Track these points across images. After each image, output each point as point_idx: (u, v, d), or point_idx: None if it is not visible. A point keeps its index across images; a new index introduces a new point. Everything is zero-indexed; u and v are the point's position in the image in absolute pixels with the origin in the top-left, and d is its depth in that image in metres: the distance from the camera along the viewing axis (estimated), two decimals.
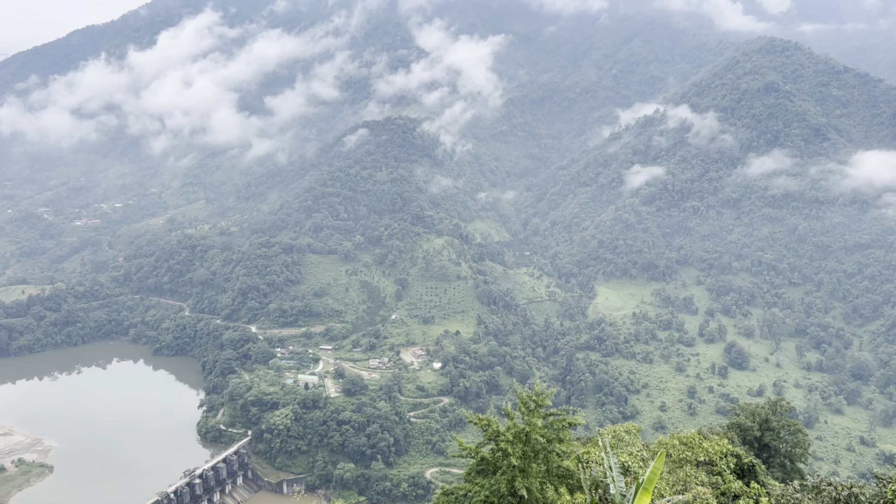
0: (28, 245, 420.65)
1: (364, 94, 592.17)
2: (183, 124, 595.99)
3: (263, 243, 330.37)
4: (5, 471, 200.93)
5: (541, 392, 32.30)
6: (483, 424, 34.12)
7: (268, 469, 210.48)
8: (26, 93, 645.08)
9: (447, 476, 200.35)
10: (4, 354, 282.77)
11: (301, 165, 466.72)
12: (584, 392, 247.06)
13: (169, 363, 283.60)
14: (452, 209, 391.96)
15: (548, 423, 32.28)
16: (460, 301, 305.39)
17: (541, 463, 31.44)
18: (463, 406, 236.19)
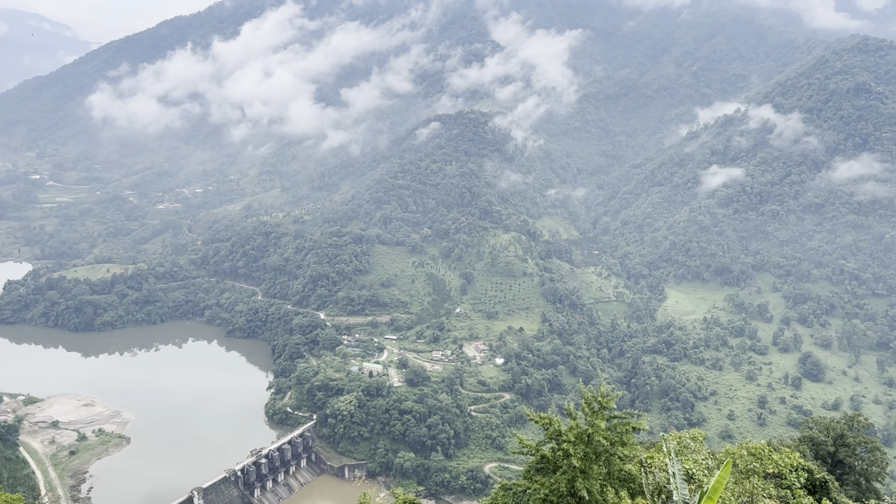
0: (114, 226, 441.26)
1: (437, 87, 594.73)
2: (262, 114, 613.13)
3: (334, 233, 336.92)
4: (87, 439, 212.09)
5: (606, 394, 32.12)
6: (544, 423, 34.16)
7: (331, 453, 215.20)
8: (117, 80, 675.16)
9: (506, 472, 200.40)
10: (89, 329, 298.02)
11: (373, 157, 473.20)
12: (649, 396, 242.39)
13: (241, 345, 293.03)
14: (521, 205, 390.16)
15: (611, 425, 32.10)
16: (525, 298, 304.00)
17: (602, 465, 31.32)
18: (524, 403, 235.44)
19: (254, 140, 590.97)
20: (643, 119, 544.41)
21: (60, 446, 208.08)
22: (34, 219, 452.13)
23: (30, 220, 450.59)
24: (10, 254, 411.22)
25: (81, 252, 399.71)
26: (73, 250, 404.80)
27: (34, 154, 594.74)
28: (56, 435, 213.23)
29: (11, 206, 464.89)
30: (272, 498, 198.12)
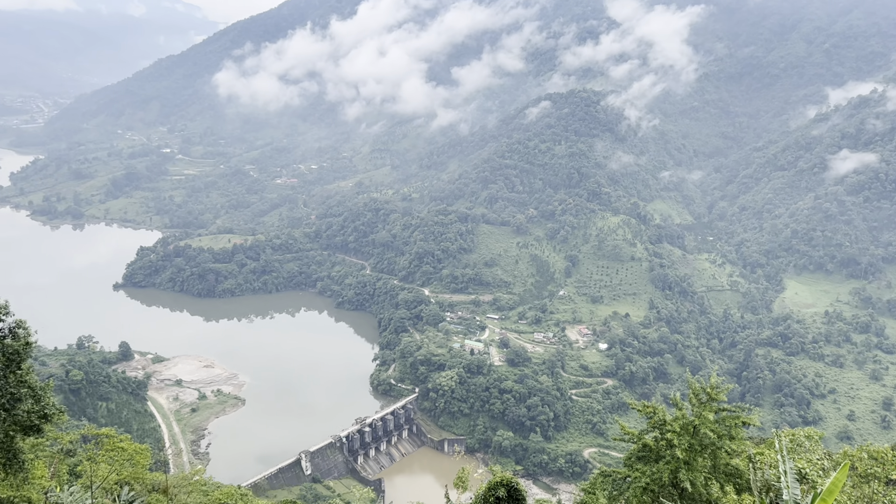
0: (236, 198, 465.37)
1: (549, 65, 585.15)
2: (375, 92, 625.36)
3: (441, 211, 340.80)
4: (206, 399, 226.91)
5: (716, 385, 31.19)
6: (648, 412, 33.64)
7: (431, 427, 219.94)
8: (241, 59, 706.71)
9: (605, 458, 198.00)
10: (211, 295, 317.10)
11: (482, 136, 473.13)
12: (762, 391, 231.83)
13: (349, 317, 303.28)
14: (632, 187, 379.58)
15: (720, 418, 31.17)
16: (632, 283, 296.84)
17: (707, 458, 30.54)
18: (627, 390, 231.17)
19: (367, 118, 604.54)
20: (767, 99, 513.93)
21: (183, 403, 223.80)
22: (164, 190, 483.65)
23: (161, 190, 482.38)
24: (142, 222, 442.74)
25: (205, 222, 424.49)
26: (198, 220, 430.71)
27: (166, 129, 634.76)
28: (179, 392, 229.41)
29: (145, 178, 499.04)
30: (374, 466, 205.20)
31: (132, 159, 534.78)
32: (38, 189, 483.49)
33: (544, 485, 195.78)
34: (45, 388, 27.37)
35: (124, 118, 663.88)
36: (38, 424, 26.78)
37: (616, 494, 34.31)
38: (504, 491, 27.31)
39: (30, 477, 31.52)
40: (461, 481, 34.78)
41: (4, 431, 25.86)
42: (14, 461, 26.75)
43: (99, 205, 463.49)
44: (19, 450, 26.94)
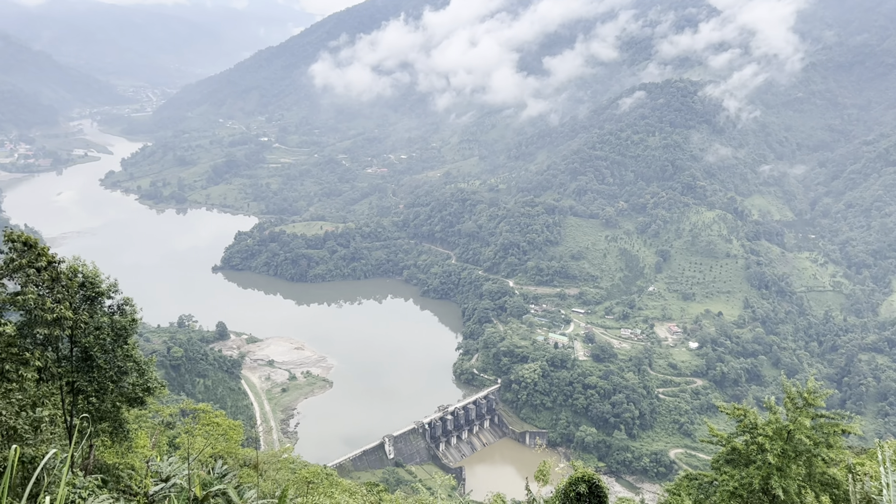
0: (328, 187, 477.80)
1: (644, 55, 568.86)
2: (465, 83, 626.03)
3: (528, 202, 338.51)
4: (296, 379, 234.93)
5: (813, 390, 29.73)
6: (738, 414, 32.41)
7: (513, 418, 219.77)
8: (337, 50, 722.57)
9: (692, 460, 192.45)
10: (303, 280, 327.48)
11: (572, 127, 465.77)
12: (864, 398, 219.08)
13: (434, 305, 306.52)
14: (729, 181, 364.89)
15: (817, 424, 29.70)
16: (726, 280, 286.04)
17: (802, 465, 29.18)
18: (717, 391, 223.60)
19: (456, 109, 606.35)
20: (880, 90, 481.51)
21: (274, 383, 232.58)
22: (261, 177, 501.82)
23: (258, 178, 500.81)
24: (240, 207, 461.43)
25: (299, 209, 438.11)
26: (292, 207, 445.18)
27: (264, 118, 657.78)
28: (271, 372, 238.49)
29: (244, 165, 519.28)
30: (455, 454, 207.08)
31: (232, 147, 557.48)
32: (146, 174, 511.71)
33: (627, 483, 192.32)
34: (148, 362, 29.04)
35: (225, 107, 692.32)
36: (141, 397, 28.46)
37: (702, 498, 33.33)
38: (585, 487, 26.99)
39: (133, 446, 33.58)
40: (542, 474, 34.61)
41: (112, 402, 27.63)
42: (120, 430, 28.55)
43: (201, 190, 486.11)
44: (124, 420, 28.73)
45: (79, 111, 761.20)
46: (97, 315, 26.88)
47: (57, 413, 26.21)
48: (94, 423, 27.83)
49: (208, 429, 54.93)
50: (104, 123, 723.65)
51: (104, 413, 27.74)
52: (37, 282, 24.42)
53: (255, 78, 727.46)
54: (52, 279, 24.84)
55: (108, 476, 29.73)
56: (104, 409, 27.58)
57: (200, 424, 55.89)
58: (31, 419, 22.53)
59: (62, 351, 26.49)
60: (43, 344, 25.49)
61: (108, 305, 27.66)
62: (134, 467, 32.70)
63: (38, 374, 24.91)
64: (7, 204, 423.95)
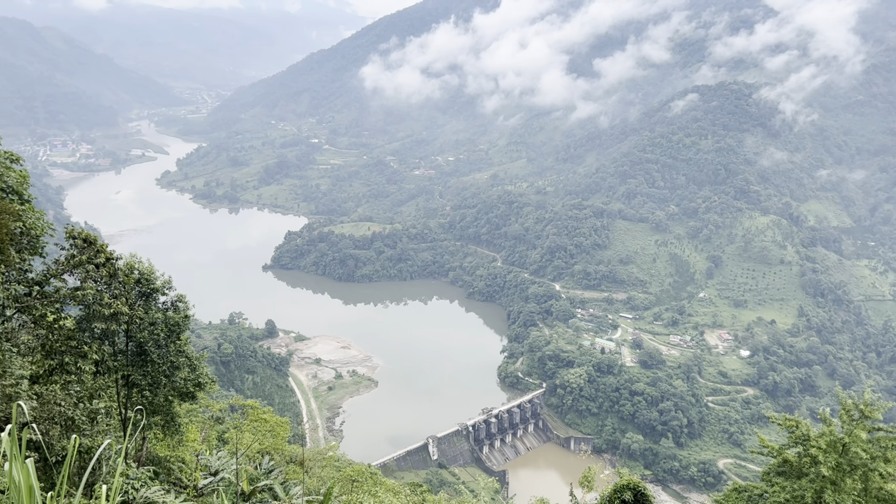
0: (376, 188, 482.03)
1: (698, 56, 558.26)
2: (514, 85, 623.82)
3: (575, 205, 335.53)
4: (342, 378, 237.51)
5: (870, 402, 28.72)
6: (789, 425, 31.49)
7: (557, 423, 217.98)
8: (387, 53, 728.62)
9: (741, 470, 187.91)
10: (350, 280, 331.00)
11: (622, 129, 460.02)
12: None
13: (479, 307, 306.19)
14: (784, 186, 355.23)
15: (874, 438, 28.68)
16: (780, 288, 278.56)
17: (858, 480, 28.22)
18: (769, 401, 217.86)
19: (504, 111, 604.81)
20: None
21: (321, 381, 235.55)
22: (311, 178, 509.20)
23: (308, 178, 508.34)
24: (290, 208, 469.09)
25: (347, 210, 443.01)
26: (341, 208, 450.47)
27: (315, 120, 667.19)
28: (318, 371, 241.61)
29: (294, 166, 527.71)
30: (499, 457, 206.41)
31: (283, 148, 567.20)
32: (200, 174, 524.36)
33: (674, 492, 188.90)
34: (199, 358, 29.80)
35: (277, 109, 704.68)
36: (192, 391, 29.23)
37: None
38: (630, 494, 26.66)
39: (184, 439, 34.46)
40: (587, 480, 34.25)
41: (164, 396, 28.44)
42: (172, 424, 29.36)
43: (252, 190, 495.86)
44: (176, 414, 29.54)
45: (137, 112, 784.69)
46: (152, 311, 27.71)
47: (112, 405, 27.06)
48: (147, 416, 28.67)
49: (256, 425, 55.92)
50: (161, 124, 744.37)
51: (157, 406, 28.57)
52: (95, 278, 25.28)
53: (306, 80, 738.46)
54: (110, 275, 25.68)
55: (160, 468, 30.56)
56: (157, 402, 28.41)
57: (249, 420, 56.95)
58: (88, 410, 23.32)
59: (118, 345, 27.38)
60: (100, 338, 26.37)
61: (162, 302, 28.48)
62: (184, 460, 33.55)
63: (95, 367, 25.78)
64: (69, 202, 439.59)
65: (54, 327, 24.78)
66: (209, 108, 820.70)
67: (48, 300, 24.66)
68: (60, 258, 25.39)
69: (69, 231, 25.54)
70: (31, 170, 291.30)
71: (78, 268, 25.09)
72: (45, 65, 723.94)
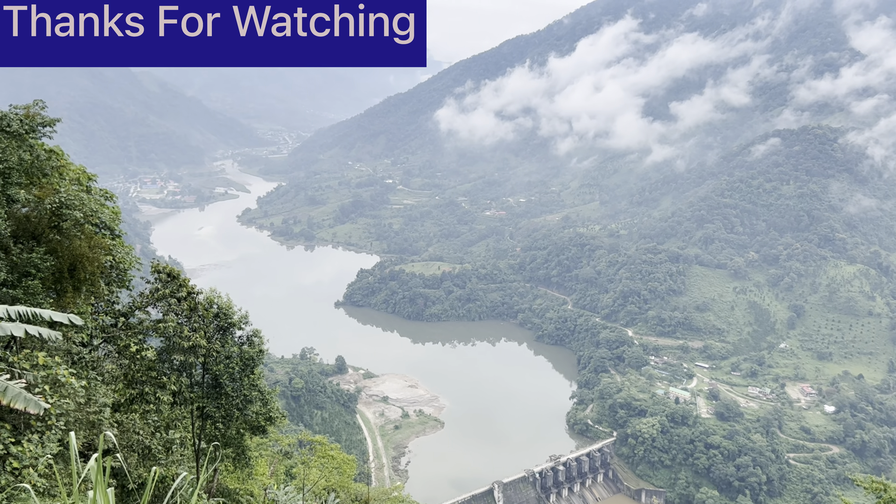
0: (447, 228, 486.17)
1: (779, 100, 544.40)
2: (588, 127, 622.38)
3: (650, 249, 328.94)
4: (409, 417, 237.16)
5: None
6: (876, 488, 29.67)
7: (628, 474, 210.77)
8: (462, 96, 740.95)
9: None
10: (419, 318, 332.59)
11: (699, 174, 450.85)
12: None
13: (548, 351, 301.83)
14: (872, 234, 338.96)
15: None
16: (868, 341, 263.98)
17: None
18: (857, 461, 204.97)
19: (578, 153, 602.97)
20: None
21: (388, 420, 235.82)
22: (384, 217, 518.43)
23: (381, 218, 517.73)
24: (364, 246, 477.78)
25: (418, 249, 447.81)
26: (412, 247, 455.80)
27: (390, 161, 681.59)
28: (385, 409, 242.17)
29: (369, 206, 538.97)
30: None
31: (359, 188, 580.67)
32: (279, 212, 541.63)
33: None
34: (271, 392, 30.51)
35: (354, 150, 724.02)
36: (263, 426, 29.88)
37: None
38: None
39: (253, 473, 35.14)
40: None
41: (237, 429, 29.17)
42: (242, 457, 30.04)
43: (328, 228, 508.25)
44: (247, 447, 30.21)
45: (222, 152, 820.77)
46: (228, 344, 28.65)
47: (187, 436, 27.94)
48: (219, 448, 29.43)
49: (323, 461, 56.41)
50: (244, 164, 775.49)
51: (229, 439, 29.30)
52: (177, 311, 26.42)
53: (383, 123, 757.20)
54: (191, 309, 26.80)
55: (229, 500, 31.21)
56: (229, 435, 29.15)
57: (316, 456, 57.51)
58: (165, 440, 24.16)
59: (195, 377, 28.37)
60: (178, 370, 27.42)
61: (238, 336, 29.43)
62: (253, 493, 34.16)
63: (173, 397, 26.77)
64: (155, 236, 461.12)
65: (137, 357, 25.95)
66: (290, 149, 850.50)
67: (132, 331, 25.90)
68: (145, 291, 26.70)
69: (154, 265, 26.87)
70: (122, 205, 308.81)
71: (161, 301, 26.31)
72: (139, 107, 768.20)
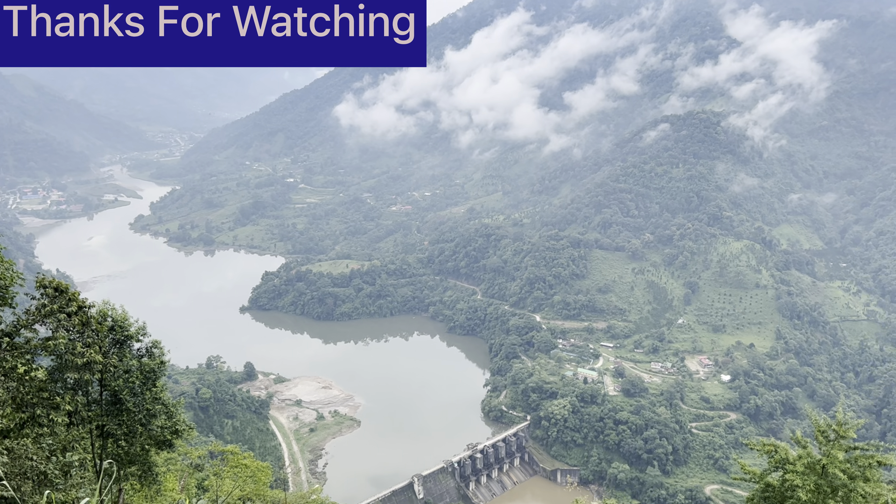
0: (353, 225, 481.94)
1: (666, 87, 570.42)
2: (488, 119, 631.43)
3: (552, 236, 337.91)
4: (324, 419, 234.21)
5: (843, 422, 29.03)
6: (768, 450, 31.73)
7: (543, 456, 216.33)
8: (360, 91, 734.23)
9: (728, 496, 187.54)
10: (329, 318, 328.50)
11: (595, 161, 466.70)
12: None
13: (460, 341, 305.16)
14: (756, 211, 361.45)
15: (851, 457, 28.92)
16: (757, 312, 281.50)
17: (839, 501, 28.37)
18: (752, 425, 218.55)
19: (479, 145, 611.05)
20: None
21: (302, 423, 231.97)
22: (288, 217, 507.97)
23: (284, 218, 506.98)
24: (267, 248, 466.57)
25: (325, 248, 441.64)
26: (318, 246, 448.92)
27: (290, 160, 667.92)
28: (299, 412, 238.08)
29: (270, 206, 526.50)
30: (486, 493, 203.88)
31: (258, 189, 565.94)
32: (175, 217, 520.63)
33: None
34: (176, 405, 29.36)
35: (252, 150, 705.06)
36: (170, 440, 28.71)
37: None
38: None
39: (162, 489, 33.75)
40: None
41: (141, 445, 27.91)
42: (148, 474, 28.78)
43: (228, 232, 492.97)
44: (153, 463, 28.97)
45: (109, 157, 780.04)
46: (126, 358, 27.34)
47: (87, 457, 26.50)
48: (123, 467, 28.07)
49: (237, 471, 54.95)
50: (134, 169, 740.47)
51: (133, 456, 27.99)
52: (67, 327, 24.95)
53: (280, 120, 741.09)
54: (83, 323, 25.37)
55: None
56: (133, 452, 27.85)
57: (229, 466, 55.93)
58: (62, 464, 22.83)
59: (92, 395, 26.92)
60: (73, 388, 25.94)
61: (137, 348, 28.12)
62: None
63: (69, 418, 25.30)
64: (40, 250, 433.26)
65: (25, 379, 24.33)
66: (182, 151, 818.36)
67: (18, 351, 24.25)
68: (31, 308, 25.04)
69: (39, 280, 25.23)
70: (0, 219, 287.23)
71: (49, 317, 24.76)
72: (13, 112, 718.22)
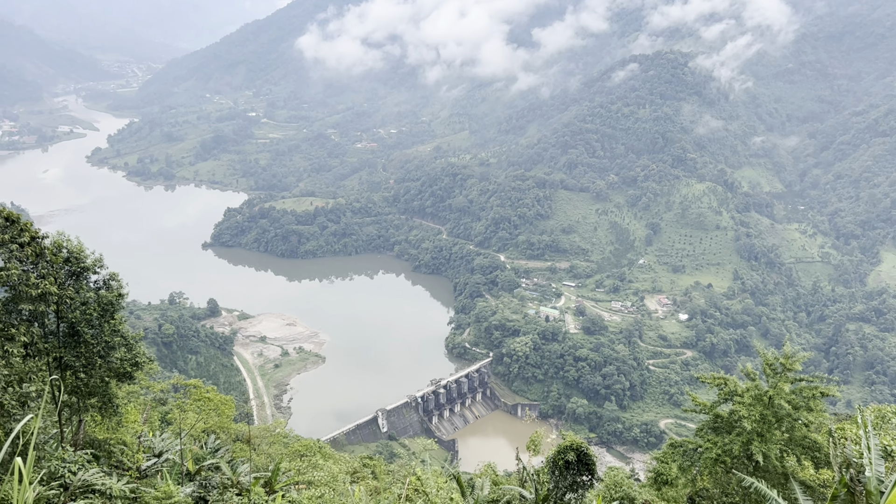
0: (317, 162, 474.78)
1: (635, 26, 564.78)
2: (455, 55, 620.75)
3: (518, 176, 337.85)
4: (289, 355, 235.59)
5: (790, 355, 30.13)
6: (718, 383, 32.90)
7: (505, 391, 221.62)
8: (325, 22, 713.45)
9: (682, 429, 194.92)
10: (294, 256, 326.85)
11: (563, 100, 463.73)
12: (851, 367, 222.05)
13: (425, 280, 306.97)
14: (719, 153, 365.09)
15: (796, 388, 30.13)
16: (716, 252, 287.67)
17: (783, 430, 29.67)
18: (707, 362, 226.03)
19: (447, 82, 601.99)
20: (870, 60, 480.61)
21: (267, 359, 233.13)
22: (250, 153, 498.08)
23: (246, 153, 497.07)
24: (229, 184, 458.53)
25: (289, 185, 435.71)
26: (281, 183, 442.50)
27: (252, 93, 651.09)
28: (264, 349, 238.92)
29: (232, 141, 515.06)
30: (448, 426, 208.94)
31: (220, 123, 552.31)
32: (133, 151, 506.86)
33: (618, 453, 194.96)
34: (136, 337, 29.08)
35: (212, 82, 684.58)
36: (129, 371, 28.53)
37: (687, 465, 33.91)
38: (574, 455, 27.35)
39: (124, 421, 33.72)
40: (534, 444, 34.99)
41: (100, 377, 27.69)
42: (109, 405, 28.66)
43: (189, 167, 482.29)
44: (113, 395, 28.82)
45: (63, 87, 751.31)
46: (83, 290, 26.82)
47: (44, 388, 26.25)
48: (82, 399, 27.89)
49: (200, 404, 55.14)
50: (89, 99, 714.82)
51: (93, 388, 27.80)
52: (20, 257, 24.29)
53: (241, 52, 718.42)
54: (37, 254, 24.72)
55: (100, 451, 29.88)
56: (92, 384, 27.64)
57: (192, 400, 56.09)
58: (19, 394, 22.56)
59: (48, 326, 26.47)
60: (28, 320, 25.45)
61: (93, 281, 27.59)
62: (125, 443, 32.89)
63: (25, 349, 24.89)
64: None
65: None
66: (140, 82, 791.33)
67: None
68: None
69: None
70: None
71: (1, 248, 24.05)
72: None
